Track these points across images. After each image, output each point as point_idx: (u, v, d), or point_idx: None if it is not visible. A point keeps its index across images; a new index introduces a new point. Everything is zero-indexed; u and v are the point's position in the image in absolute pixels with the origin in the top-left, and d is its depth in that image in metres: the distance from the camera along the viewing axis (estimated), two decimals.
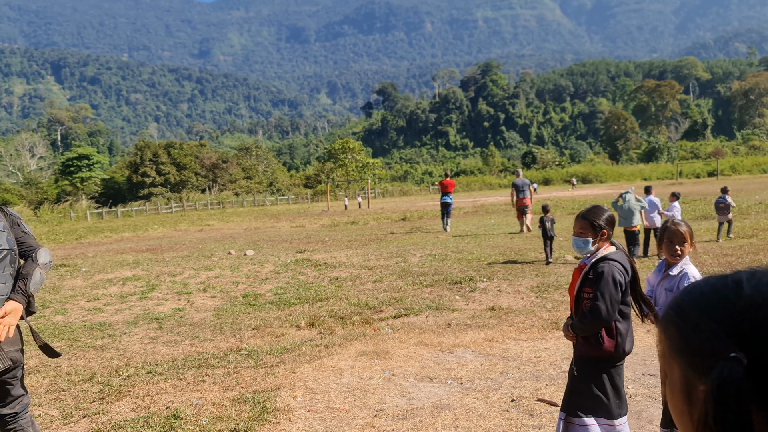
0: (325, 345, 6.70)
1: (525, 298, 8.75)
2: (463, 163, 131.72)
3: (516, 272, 10.81)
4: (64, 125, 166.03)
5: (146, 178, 71.39)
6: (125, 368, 6.22)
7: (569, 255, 12.60)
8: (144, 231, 30.29)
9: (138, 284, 11.78)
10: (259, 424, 4.53)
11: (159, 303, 9.93)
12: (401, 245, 16.37)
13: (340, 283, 10.92)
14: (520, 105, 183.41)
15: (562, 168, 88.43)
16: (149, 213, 57.28)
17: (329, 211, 42.75)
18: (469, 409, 4.68)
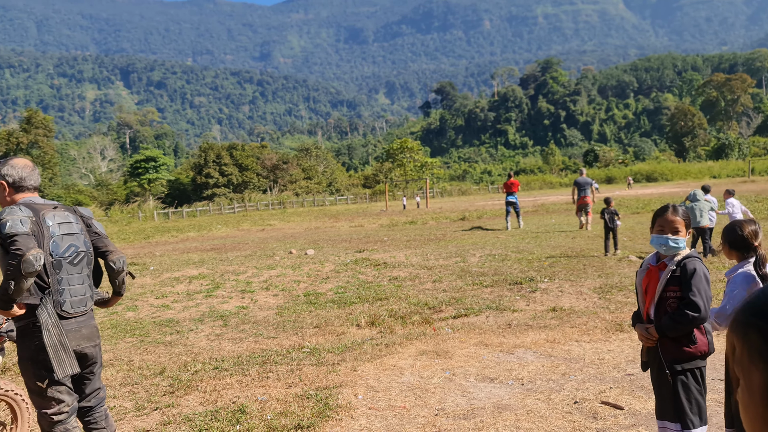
0: (385, 344, 6.77)
1: (587, 299, 8.60)
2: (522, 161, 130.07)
3: (578, 273, 10.63)
4: (133, 128, 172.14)
5: (210, 179, 73.27)
6: (193, 364, 6.44)
7: (633, 255, 12.29)
8: (208, 231, 31.12)
9: (203, 282, 12.13)
10: (322, 421, 4.62)
11: (224, 301, 10.21)
12: (460, 245, 16.31)
13: (400, 282, 10.97)
14: (582, 102, 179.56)
15: (625, 166, 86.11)
16: (213, 213, 58.78)
17: (388, 210, 42.91)
18: (530, 410, 4.65)
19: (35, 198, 3.48)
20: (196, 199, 71.48)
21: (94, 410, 3.64)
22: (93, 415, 3.63)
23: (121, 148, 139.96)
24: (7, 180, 3.44)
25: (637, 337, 6.49)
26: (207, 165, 74.34)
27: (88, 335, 3.49)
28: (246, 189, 74.68)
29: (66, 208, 3.47)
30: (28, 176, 3.49)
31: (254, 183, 76.68)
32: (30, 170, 3.51)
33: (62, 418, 3.38)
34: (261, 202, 64.25)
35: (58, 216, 3.36)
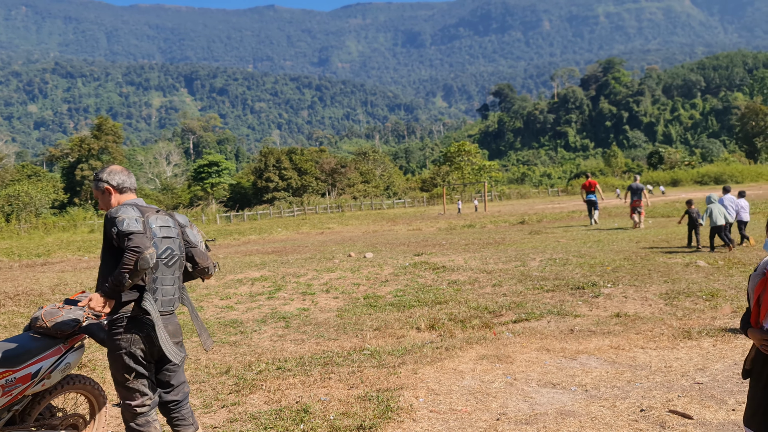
0: (445, 347, 6.77)
1: (653, 305, 8.38)
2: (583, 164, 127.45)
3: (643, 278, 10.36)
4: (196, 134, 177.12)
5: (270, 183, 74.60)
6: (257, 363, 6.59)
7: (701, 261, 11.91)
8: (269, 234, 31.70)
9: (265, 284, 12.38)
10: (384, 422, 4.67)
11: (285, 303, 10.41)
12: (520, 249, 16.13)
13: (459, 286, 10.94)
14: (645, 102, 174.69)
15: (692, 168, 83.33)
16: (273, 216, 59.83)
17: (445, 214, 42.78)
18: (595, 417, 4.58)
19: (138, 200, 3.70)
20: (257, 202, 72.90)
21: (180, 405, 3.81)
22: (180, 411, 3.80)
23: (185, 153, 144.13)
24: (111, 184, 3.68)
25: (707, 345, 6.31)
26: (267, 169, 75.72)
27: (173, 332, 3.68)
28: (305, 193, 75.72)
29: (165, 213, 3.71)
30: (127, 179, 3.75)
31: (313, 187, 77.67)
32: (127, 174, 3.77)
33: (144, 410, 3.56)
34: (319, 205, 65.03)
35: (159, 219, 3.58)
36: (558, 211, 33.94)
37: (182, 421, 3.78)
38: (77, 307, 3.92)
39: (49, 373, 3.74)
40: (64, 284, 14.12)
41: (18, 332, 8.59)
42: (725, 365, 5.64)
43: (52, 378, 3.77)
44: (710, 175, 70.05)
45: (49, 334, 3.79)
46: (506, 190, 79.06)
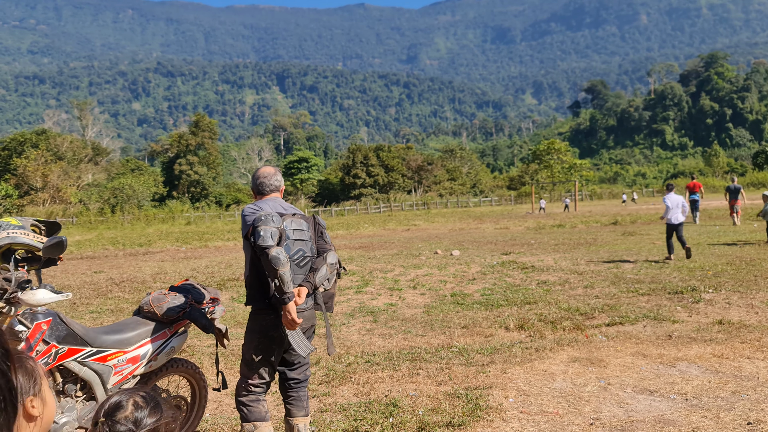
0: (535, 348, 6.64)
1: (760, 312, 7.90)
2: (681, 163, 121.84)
3: (748, 284, 9.79)
4: (286, 131, 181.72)
5: (357, 179, 75.58)
6: (346, 356, 6.69)
7: None
8: (356, 229, 32.12)
9: (353, 279, 12.56)
10: (473, 420, 4.63)
11: (373, 297, 10.51)
12: (612, 250, 15.61)
13: (549, 286, 10.71)
14: (752, 99, 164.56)
15: None
16: (359, 212, 60.58)
17: (534, 213, 41.96)
18: (697, 428, 4.36)
19: (280, 200, 3.97)
20: (344, 198, 74.05)
21: (300, 385, 4.01)
22: (297, 392, 4.00)
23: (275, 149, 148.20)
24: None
25: None
26: (355, 166, 76.75)
27: (308, 316, 3.88)
28: (391, 189, 76.24)
29: (303, 217, 3.90)
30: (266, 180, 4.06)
31: (399, 184, 78.08)
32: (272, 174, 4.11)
33: (258, 391, 3.81)
34: (405, 202, 65.27)
35: (294, 223, 3.77)
36: (653, 212, 32.59)
37: (297, 401, 3.98)
38: (182, 294, 4.11)
39: (156, 356, 3.94)
40: (164, 273, 14.85)
41: (125, 316, 9.11)
42: None
43: (158, 360, 3.98)
44: None
45: (156, 319, 3.99)
46: (597, 189, 76.67)
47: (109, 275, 14.67)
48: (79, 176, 65.42)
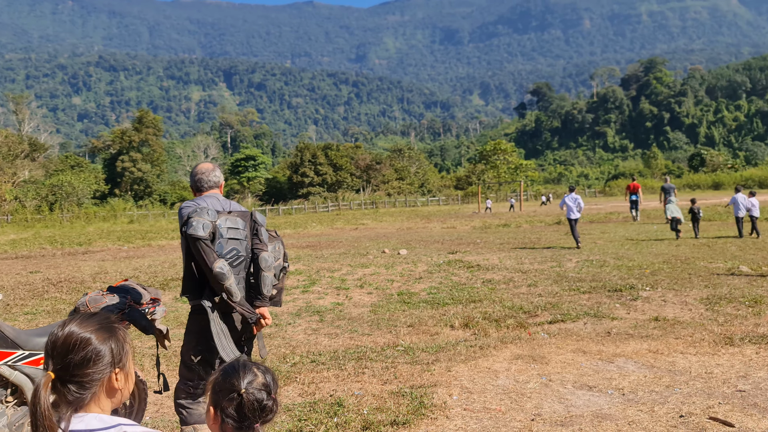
0: (479, 346, 6.73)
1: (693, 309, 8.21)
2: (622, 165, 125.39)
3: (683, 282, 10.16)
4: (234, 128, 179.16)
5: (305, 178, 75.17)
6: (291, 356, 6.65)
7: (744, 266, 11.62)
8: (303, 228, 31.94)
9: (300, 278, 12.48)
10: (417, 418, 4.66)
11: (320, 297, 10.47)
12: (555, 249, 15.96)
13: (493, 285, 10.87)
14: (688, 103, 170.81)
15: (735, 171, 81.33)
16: (308, 211, 60.25)
17: (480, 212, 42.54)
18: (632, 422, 4.50)
19: (219, 197, 3.93)
20: (292, 197, 73.53)
21: None
22: None
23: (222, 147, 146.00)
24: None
25: (749, 353, 6.16)
26: (303, 164, 76.30)
27: (239, 326, 3.82)
28: (340, 188, 76.10)
29: (240, 214, 3.81)
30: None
31: (348, 183, 78.01)
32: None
33: (198, 392, 3.74)
34: (354, 201, 65.25)
35: (229, 221, 3.68)
36: (595, 212, 33.48)
37: None
38: (120, 295, 4.00)
39: None
40: (104, 272, 14.44)
41: (62, 318, 8.81)
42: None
43: None
44: (754, 179, 68.24)
45: None
46: (542, 189, 78.23)
47: (45, 275, 14.18)
48: (15, 173, 62.96)
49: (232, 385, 1.83)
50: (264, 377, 1.90)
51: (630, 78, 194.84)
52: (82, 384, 1.54)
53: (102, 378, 1.56)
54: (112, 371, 1.58)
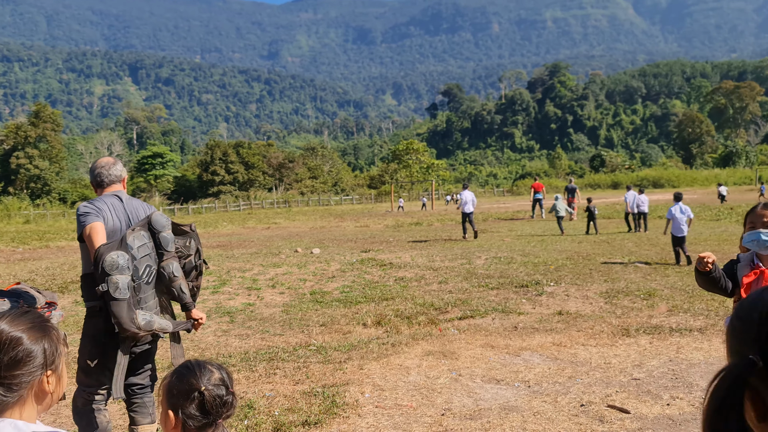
0: (391, 343, 6.79)
1: (594, 303, 8.61)
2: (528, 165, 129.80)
3: (584, 277, 10.64)
4: (140, 124, 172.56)
5: (216, 176, 73.46)
6: (200, 359, 6.46)
7: (639, 262, 12.29)
8: (214, 228, 31.19)
9: (210, 279, 12.18)
10: (329, 418, 4.65)
11: (230, 297, 10.25)
12: (466, 247, 16.33)
13: (406, 283, 11.00)
14: (589, 107, 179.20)
15: (632, 172, 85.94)
16: (218, 210, 58.89)
17: (393, 211, 42.94)
18: (537, 412, 4.67)
19: (122, 195, 3.73)
20: (202, 196, 71.66)
21: (145, 390, 3.75)
22: (143, 397, 3.73)
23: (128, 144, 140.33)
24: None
25: (644, 342, 6.52)
26: (213, 162, 74.53)
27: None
28: (252, 187, 74.85)
29: (142, 226, 3.57)
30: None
31: (260, 181, 76.85)
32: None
33: (98, 399, 3.55)
34: (266, 200, 64.36)
35: (137, 239, 3.48)
36: (503, 211, 34.51)
37: (142, 408, 3.72)
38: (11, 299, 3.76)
39: None
40: None
41: None
42: (661, 362, 5.84)
43: None
44: (649, 179, 72.32)
45: None
46: (453, 189, 79.86)
47: None
48: None
49: (191, 384, 1.82)
50: (219, 373, 1.90)
51: (536, 81, 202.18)
52: (9, 386, 1.42)
53: (32, 381, 1.45)
54: (44, 374, 1.47)
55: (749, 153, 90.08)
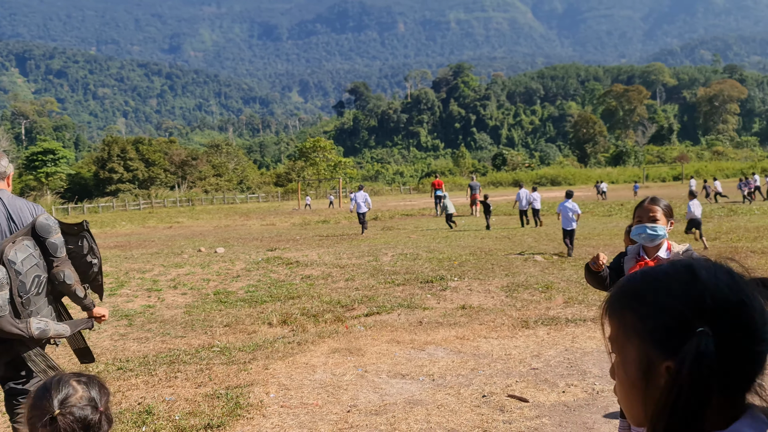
0: (297, 342, 6.73)
1: (495, 297, 8.87)
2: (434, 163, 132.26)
3: (486, 272, 10.95)
4: (29, 119, 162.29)
5: (114, 174, 70.34)
6: (94, 365, 6.16)
7: (538, 256, 12.79)
8: (111, 227, 29.87)
9: (107, 281, 11.63)
10: (232, 420, 4.55)
11: (128, 300, 9.84)
12: (373, 244, 16.43)
13: (312, 281, 10.94)
14: (491, 107, 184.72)
15: (531, 170, 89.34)
16: (116, 209, 56.42)
17: (300, 209, 42.62)
18: (441, 405, 4.76)
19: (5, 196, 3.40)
20: (99, 194, 68.36)
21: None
22: None
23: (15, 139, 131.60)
24: None
25: (542, 334, 6.78)
26: (111, 159, 71.29)
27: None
28: (152, 185, 72.15)
29: (25, 235, 3.28)
30: None
31: (161, 179, 74.22)
32: None
33: None
34: (168, 198, 62.25)
35: (20, 252, 3.19)
36: (410, 208, 34.99)
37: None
38: None
39: None
40: None
41: None
42: (557, 351, 6.09)
43: None
44: (547, 177, 75.43)
45: None
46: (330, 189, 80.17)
47: None
48: None
49: (43, 408, 1.58)
50: (86, 390, 1.66)
51: (440, 81, 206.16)
52: None
53: None
54: None
55: (638, 152, 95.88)
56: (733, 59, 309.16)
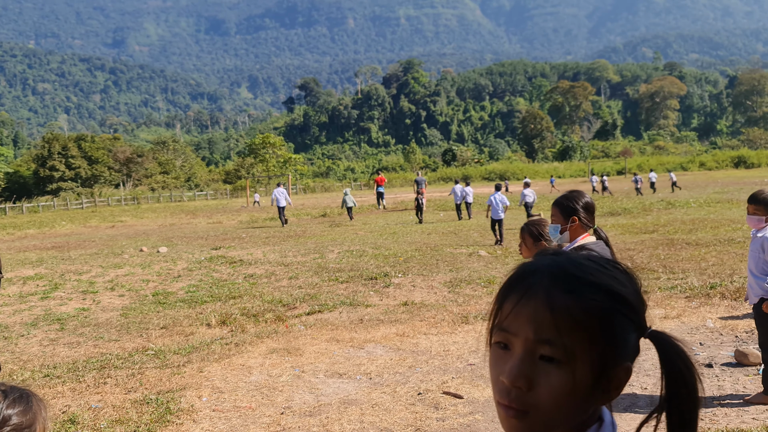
0: (235, 343, 6.60)
1: (438, 293, 8.90)
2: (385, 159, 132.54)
3: (430, 267, 10.98)
4: None
5: (55, 172, 68.10)
6: (20, 372, 5.92)
7: (482, 251, 12.90)
8: (50, 227, 28.88)
9: (40, 283, 11.23)
10: (161, 426, 4.42)
11: (62, 303, 9.51)
12: (319, 241, 16.32)
13: (255, 280, 10.78)
14: (441, 103, 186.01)
15: (481, 165, 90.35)
16: (57, 209, 54.60)
17: (248, 207, 42.06)
18: (375, 404, 4.72)
19: None
20: (39, 193, 66.06)
21: None
22: None
23: None
24: None
25: (481, 329, 6.82)
26: (51, 157, 68.98)
27: None
28: (96, 183, 70.14)
29: None
30: None
31: (105, 177, 72.25)
32: None
33: None
34: (112, 197, 60.60)
35: None
36: (360, 205, 34.91)
37: None
38: None
39: None
40: None
41: None
42: None
43: None
44: (496, 172, 76.34)
45: None
46: (311, 183, 79.69)
47: None
48: None
49: None
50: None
51: (391, 77, 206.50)
52: None
53: None
54: None
55: (583, 148, 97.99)
56: (672, 57, 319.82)
